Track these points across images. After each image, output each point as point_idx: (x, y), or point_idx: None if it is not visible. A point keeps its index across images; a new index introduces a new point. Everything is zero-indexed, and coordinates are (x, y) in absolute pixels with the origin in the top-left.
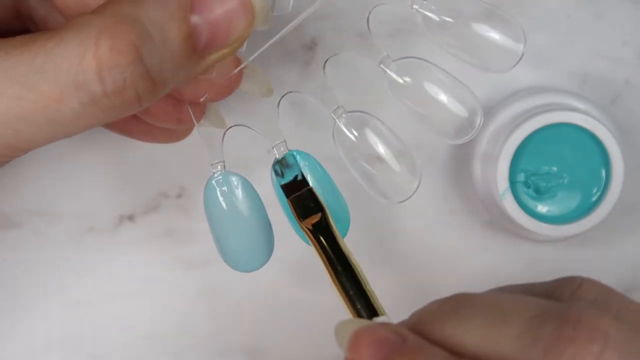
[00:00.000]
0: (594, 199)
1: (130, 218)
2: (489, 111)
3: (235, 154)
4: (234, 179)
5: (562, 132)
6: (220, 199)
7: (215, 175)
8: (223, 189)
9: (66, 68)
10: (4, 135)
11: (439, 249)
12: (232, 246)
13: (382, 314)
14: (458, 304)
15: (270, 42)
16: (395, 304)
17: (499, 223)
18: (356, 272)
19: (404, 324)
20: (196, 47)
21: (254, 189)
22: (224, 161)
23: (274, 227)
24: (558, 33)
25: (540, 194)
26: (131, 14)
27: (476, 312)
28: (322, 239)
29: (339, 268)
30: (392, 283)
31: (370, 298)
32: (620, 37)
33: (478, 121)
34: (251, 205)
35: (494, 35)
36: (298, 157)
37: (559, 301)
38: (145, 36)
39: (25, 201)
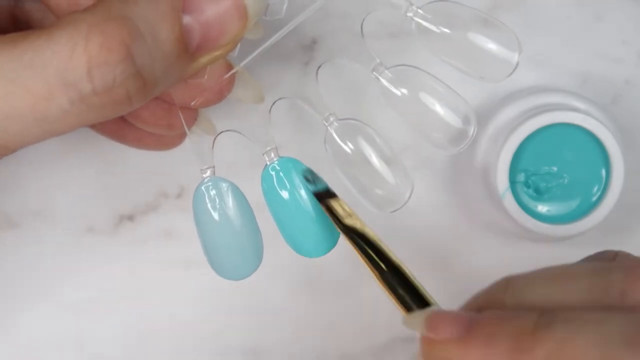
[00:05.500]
0: (594, 199)
1: (130, 218)
2: (489, 111)
3: (226, 159)
4: (223, 185)
5: (562, 132)
6: (210, 205)
7: (205, 181)
8: (212, 195)
9: (55, 64)
10: None
11: (439, 249)
12: (221, 253)
13: (434, 304)
14: (510, 282)
15: (262, 48)
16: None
17: (499, 223)
18: (401, 269)
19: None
20: (188, 48)
21: (243, 196)
22: (214, 167)
23: (263, 233)
24: (558, 33)
25: (540, 194)
26: (122, 12)
27: (537, 282)
28: (362, 242)
29: (384, 267)
30: None
31: (420, 290)
32: (620, 37)
33: (472, 130)
34: (241, 212)
35: (489, 44)
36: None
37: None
38: (137, 35)
39: (25, 201)
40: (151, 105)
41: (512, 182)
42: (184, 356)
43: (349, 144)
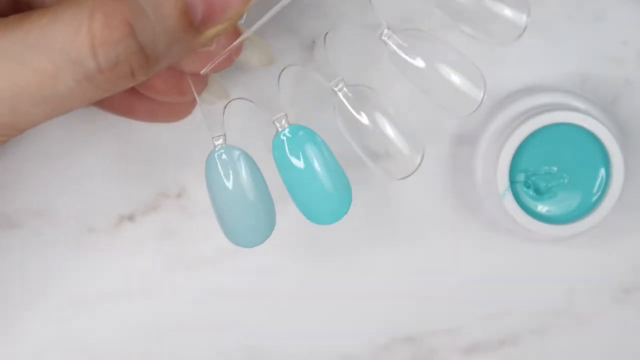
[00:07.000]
0: (594, 199)
1: (130, 218)
2: (489, 111)
3: (236, 127)
4: (235, 152)
5: (562, 132)
6: (222, 172)
7: (217, 148)
8: (224, 162)
9: (60, 44)
10: (1, 114)
11: (439, 249)
12: (234, 221)
13: None
14: None
15: (270, 13)
16: (395, 303)
17: (499, 223)
18: None
19: None
20: (192, 23)
21: (255, 163)
22: (225, 135)
23: (275, 203)
24: (558, 33)
25: (540, 194)
26: None
27: None
28: None
29: None
30: (391, 282)
31: None
32: (620, 37)
33: (482, 94)
34: (253, 179)
35: (498, 5)
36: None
37: None
38: (139, 12)
39: (25, 201)
40: (162, 73)
41: (512, 182)
42: (184, 356)
43: (358, 109)
